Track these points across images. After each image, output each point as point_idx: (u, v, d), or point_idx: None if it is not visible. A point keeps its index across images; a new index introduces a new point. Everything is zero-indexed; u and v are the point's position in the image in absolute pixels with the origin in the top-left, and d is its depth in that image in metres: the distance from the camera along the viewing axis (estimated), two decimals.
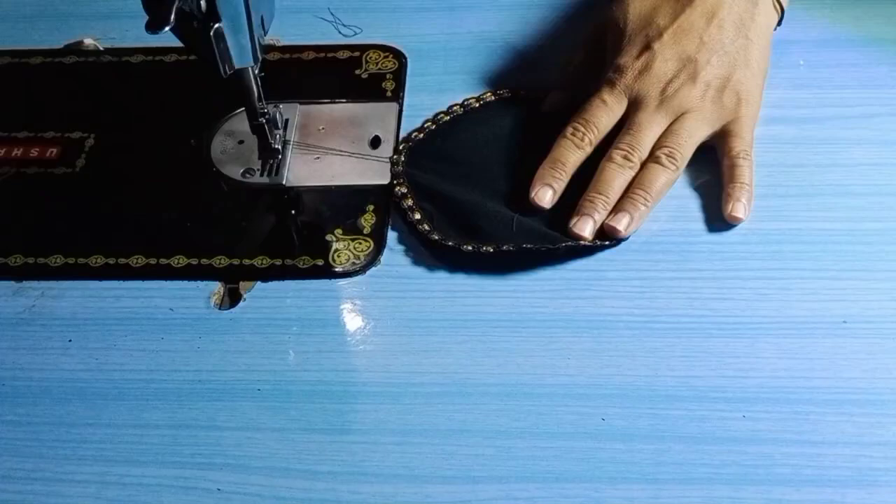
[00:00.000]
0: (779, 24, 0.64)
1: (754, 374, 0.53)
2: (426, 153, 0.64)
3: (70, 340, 0.58)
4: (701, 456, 0.51)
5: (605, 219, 0.59)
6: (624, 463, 0.50)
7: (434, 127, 0.65)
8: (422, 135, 0.65)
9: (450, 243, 0.59)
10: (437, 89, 0.60)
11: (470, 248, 0.58)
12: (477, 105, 0.66)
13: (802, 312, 0.56)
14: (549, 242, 0.58)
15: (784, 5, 0.64)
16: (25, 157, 0.66)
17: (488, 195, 0.61)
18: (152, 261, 0.60)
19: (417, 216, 0.60)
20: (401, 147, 0.64)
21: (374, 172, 0.64)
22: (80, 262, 0.61)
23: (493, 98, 0.67)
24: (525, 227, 0.59)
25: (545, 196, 0.60)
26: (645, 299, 0.57)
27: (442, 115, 0.66)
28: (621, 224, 0.58)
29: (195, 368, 0.56)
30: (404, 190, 0.62)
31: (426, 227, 0.60)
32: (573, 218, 0.59)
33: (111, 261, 0.60)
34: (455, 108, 0.66)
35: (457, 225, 0.60)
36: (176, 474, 0.52)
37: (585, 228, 0.58)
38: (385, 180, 0.63)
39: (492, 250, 0.58)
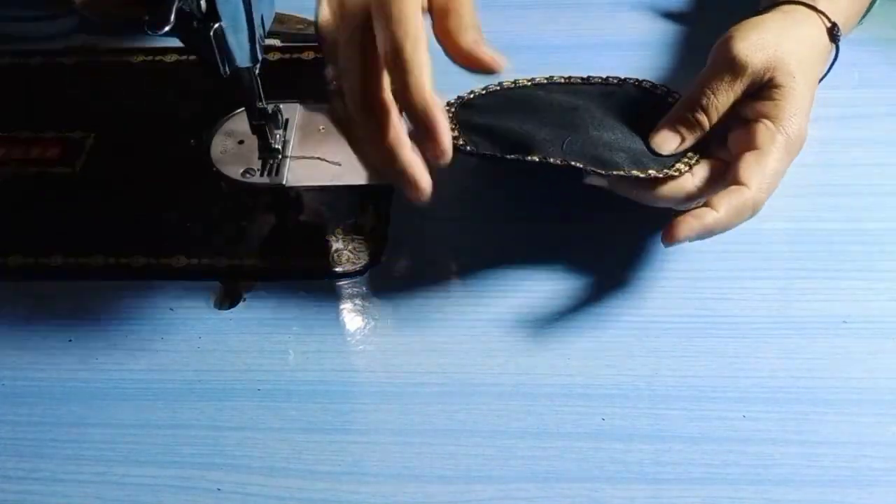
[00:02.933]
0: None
1: (754, 374, 0.53)
2: (478, 106, 0.62)
3: (70, 340, 0.58)
4: (701, 456, 0.51)
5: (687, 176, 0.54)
6: (624, 463, 0.50)
7: (488, 91, 0.63)
8: (473, 96, 0.63)
9: (496, 154, 0.56)
10: (438, 89, 0.60)
11: (514, 156, 0.55)
12: (538, 81, 0.64)
13: (802, 312, 0.56)
14: (599, 166, 0.55)
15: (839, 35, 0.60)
16: (25, 157, 0.66)
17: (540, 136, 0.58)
18: (152, 261, 0.60)
19: (461, 142, 0.57)
20: (453, 100, 0.62)
21: (374, 172, 0.64)
22: (80, 262, 0.61)
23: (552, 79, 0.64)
24: (576, 148, 0.56)
25: (668, 144, 0.56)
26: (645, 299, 0.57)
27: (524, 80, 0.64)
28: (693, 227, 0.53)
29: (195, 368, 0.56)
30: (455, 132, 0.58)
31: (472, 148, 0.57)
32: (659, 127, 0.57)
33: (111, 261, 0.60)
34: (507, 82, 0.64)
35: (506, 144, 0.57)
36: (176, 474, 0.52)
37: (668, 143, 0.56)
38: (385, 181, 0.63)
39: (537, 160, 0.55)
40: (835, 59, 0.59)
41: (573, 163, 0.55)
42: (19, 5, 0.80)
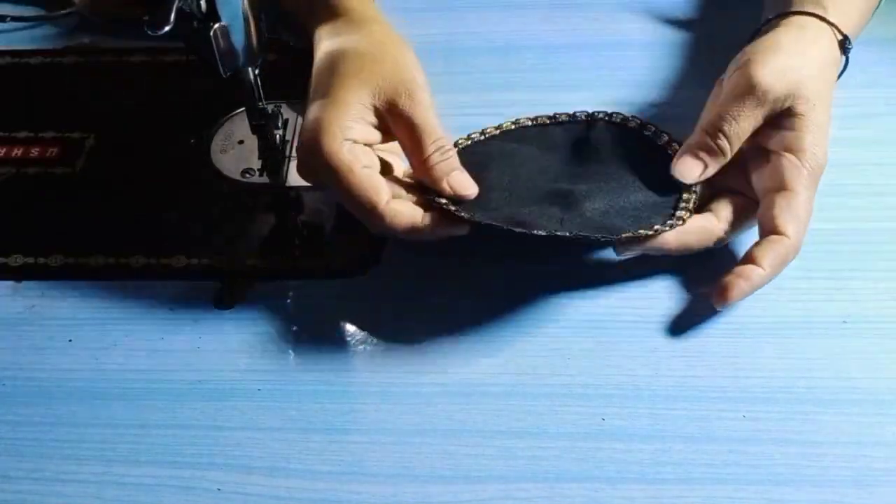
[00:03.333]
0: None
1: (754, 374, 0.53)
2: (468, 160, 0.59)
3: (70, 340, 0.58)
4: (701, 456, 0.51)
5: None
6: (624, 463, 0.50)
7: (479, 137, 0.62)
8: (468, 142, 0.62)
9: (502, 227, 0.54)
10: (437, 89, 0.60)
11: (520, 230, 0.54)
12: (520, 126, 0.63)
13: (802, 312, 0.56)
14: (605, 233, 0.54)
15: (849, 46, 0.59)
16: (25, 157, 0.66)
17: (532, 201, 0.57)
18: (152, 261, 0.60)
19: (454, 208, 0.56)
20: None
21: None
22: (80, 262, 0.61)
23: (532, 123, 0.63)
24: (575, 225, 0.55)
25: (691, 172, 0.56)
26: (645, 299, 0.57)
27: (491, 128, 0.63)
28: (743, 289, 0.54)
29: (195, 368, 0.56)
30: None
31: (471, 216, 0.55)
32: (681, 154, 0.56)
33: (111, 261, 0.60)
34: (491, 129, 0.63)
35: (501, 215, 0.56)
36: (176, 474, 0.52)
37: (692, 171, 0.55)
38: None
39: (544, 234, 0.53)
40: (843, 69, 0.59)
41: (581, 233, 0.54)
42: (19, 5, 0.80)
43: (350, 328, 0.58)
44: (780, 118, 0.55)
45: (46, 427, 0.54)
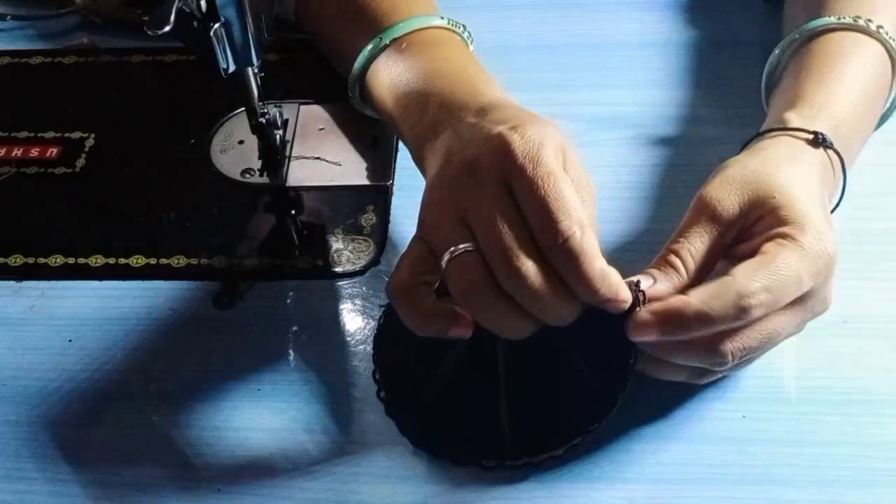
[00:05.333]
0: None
1: (754, 374, 0.53)
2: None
3: (70, 340, 0.58)
4: (701, 456, 0.51)
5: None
6: (624, 463, 0.50)
7: None
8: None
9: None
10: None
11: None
12: None
13: None
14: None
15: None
16: (25, 157, 0.66)
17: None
18: (152, 261, 0.60)
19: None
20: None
21: (374, 172, 0.64)
22: (80, 262, 0.60)
23: None
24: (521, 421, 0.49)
25: (644, 282, 0.47)
26: None
27: None
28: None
29: (195, 368, 0.56)
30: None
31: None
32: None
33: (111, 261, 0.60)
34: None
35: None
36: (176, 474, 0.52)
37: (644, 281, 0.47)
38: (385, 180, 0.63)
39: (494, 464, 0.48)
40: (844, 170, 0.53)
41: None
42: (19, 5, 0.80)
43: (350, 328, 0.58)
44: (760, 224, 0.49)
45: (46, 427, 0.54)
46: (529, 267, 0.44)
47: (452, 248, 0.45)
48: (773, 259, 0.46)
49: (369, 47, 0.59)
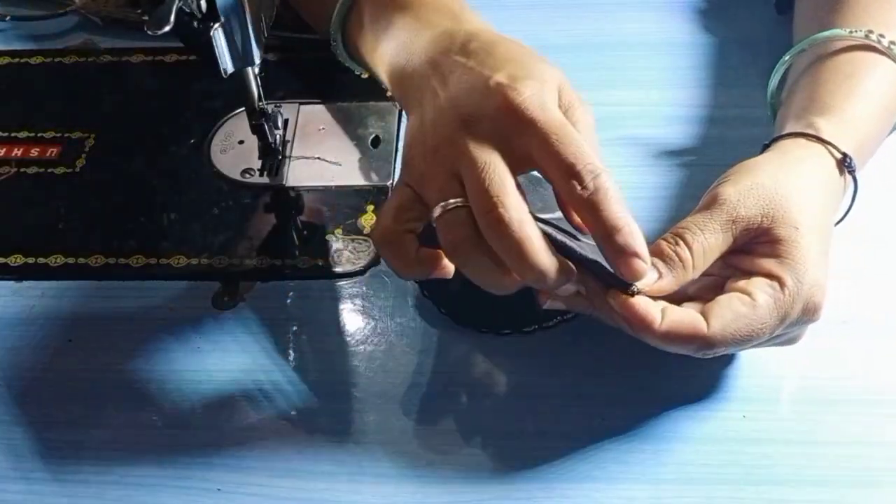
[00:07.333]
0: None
1: (754, 374, 0.53)
2: None
3: (70, 340, 0.58)
4: (701, 456, 0.51)
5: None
6: (624, 463, 0.50)
7: None
8: None
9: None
10: None
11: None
12: None
13: None
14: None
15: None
16: (25, 156, 0.66)
17: None
18: (152, 261, 0.60)
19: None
20: None
21: (374, 172, 0.64)
22: (80, 262, 0.60)
23: None
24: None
25: (638, 275, 0.45)
26: None
27: None
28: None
29: (195, 368, 0.56)
30: None
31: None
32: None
33: (111, 261, 0.60)
34: None
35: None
36: (176, 474, 0.52)
37: (643, 275, 0.46)
38: (385, 180, 0.63)
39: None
40: (855, 192, 0.53)
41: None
42: (20, 5, 0.80)
43: (350, 328, 0.58)
44: (761, 245, 0.48)
45: (46, 427, 0.54)
46: (516, 226, 0.44)
47: (444, 203, 0.45)
48: (753, 311, 0.46)
49: None
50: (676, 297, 0.48)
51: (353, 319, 0.58)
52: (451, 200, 0.45)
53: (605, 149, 0.65)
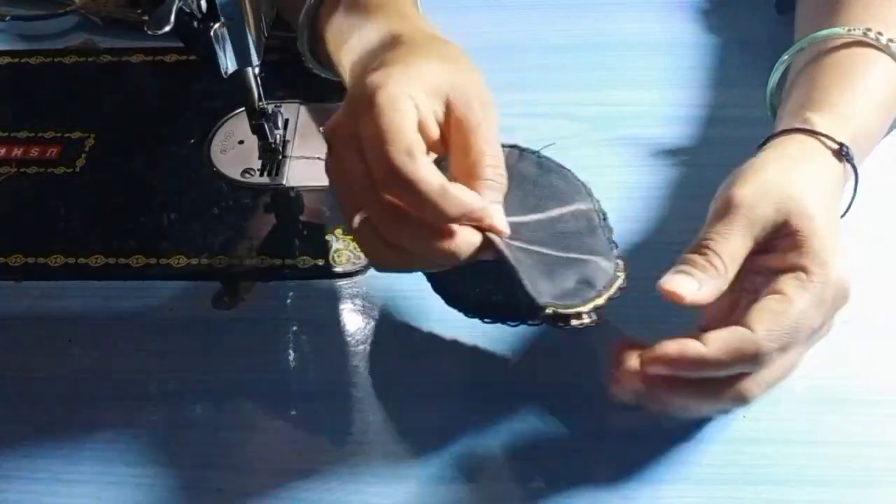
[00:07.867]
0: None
1: None
2: None
3: (70, 340, 0.58)
4: (701, 456, 0.51)
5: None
6: (625, 463, 0.50)
7: None
8: None
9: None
10: None
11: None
12: None
13: None
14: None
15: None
16: (25, 157, 0.66)
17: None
18: (152, 261, 0.60)
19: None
20: None
21: None
22: (80, 262, 0.60)
23: None
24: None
25: (683, 287, 0.47)
26: (644, 299, 0.57)
27: None
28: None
29: (195, 368, 0.56)
30: None
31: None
32: (669, 273, 0.48)
33: (111, 261, 0.60)
34: None
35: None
36: (176, 474, 0.52)
37: (682, 286, 0.47)
38: None
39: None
40: (856, 182, 0.53)
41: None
42: (20, 5, 0.80)
43: (350, 328, 0.58)
44: (780, 240, 0.49)
45: (46, 427, 0.54)
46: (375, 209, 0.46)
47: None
48: (789, 306, 0.46)
49: None
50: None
51: (353, 319, 0.58)
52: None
53: (605, 149, 0.66)
